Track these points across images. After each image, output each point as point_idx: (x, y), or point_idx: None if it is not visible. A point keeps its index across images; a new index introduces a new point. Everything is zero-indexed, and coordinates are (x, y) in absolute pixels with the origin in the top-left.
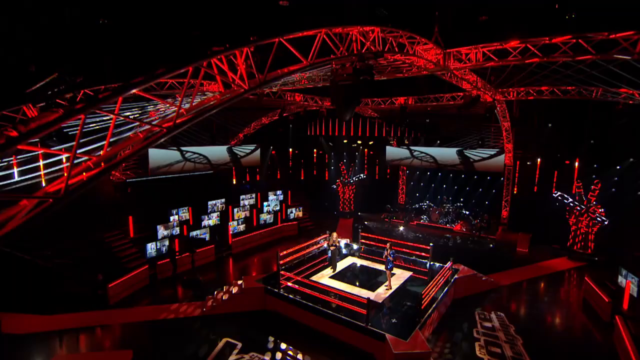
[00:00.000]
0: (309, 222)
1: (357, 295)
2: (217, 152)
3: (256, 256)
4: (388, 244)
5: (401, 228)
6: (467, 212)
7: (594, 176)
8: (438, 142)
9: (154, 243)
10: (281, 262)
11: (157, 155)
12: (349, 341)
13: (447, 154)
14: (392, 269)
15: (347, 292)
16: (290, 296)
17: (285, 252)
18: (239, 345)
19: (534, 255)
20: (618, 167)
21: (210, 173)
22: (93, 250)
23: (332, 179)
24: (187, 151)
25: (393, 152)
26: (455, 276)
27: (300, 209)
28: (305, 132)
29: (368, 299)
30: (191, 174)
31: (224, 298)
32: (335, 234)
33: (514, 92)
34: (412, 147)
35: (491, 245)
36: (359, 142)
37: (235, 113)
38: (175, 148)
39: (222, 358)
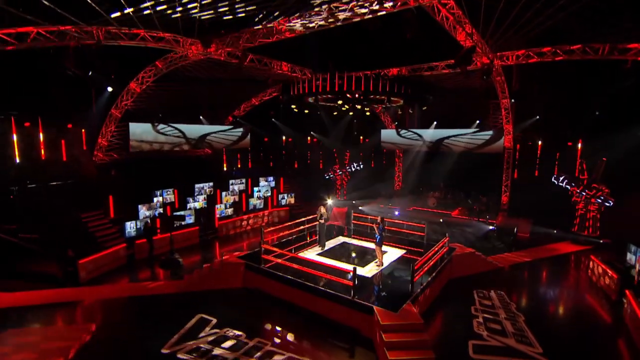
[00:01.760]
0: (301, 210)
1: (343, 267)
2: (204, 133)
3: (244, 240)
4: (379, 218)
5: (396, 213)
6: (466, 196)
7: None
8: (435, 123)
9: (134, 222)
10: (266, 239)
11: (140, 131)
12: (334, 317)
13: (443, 136)
14: (381, 244)
15: (333, 265)
16: (271, 270)
17: (271, 229)
18: (214, 321)
19: (535, 240)
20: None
21: (199, 157)
22: (67, 228)
23: (327, 167)
24: (175, 128)
25: (388, 135)
26: (452, 254)
27: (292, 195)
28: (288, 93)
29: (354, 268)
30: (179, 157)
31: (202, 275)
32: (323, 208)
33: (513, 55)
34: (409, 130)
35: (491, 227)
36: (350, 112)
37: (220, 88)
38: (161, 124)
39: (194, 333)
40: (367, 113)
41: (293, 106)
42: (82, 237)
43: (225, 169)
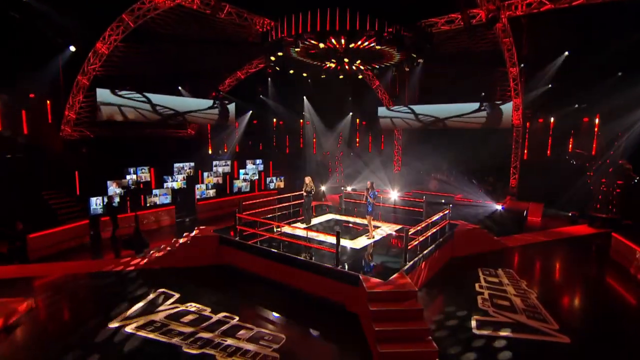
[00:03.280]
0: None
1: (329, 240)
2: (180, 106)
3: (225, 223)
4: (369, 183)
5: (393, 197)
6: (471, 177)
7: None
8: (436, 97)
9: (100, 198)
10: (246, 212)
11: (108, 98)
12: (315, 291)
13: (443, 111)
14: (372, 213)
15: (318, 239)
16: (246, 242)
17: (252, 202)
18: (176, 295)
19: (547, 224)
20: None
21: (182, 138)
22: (22, 203)
23: (320, 151)
24: (145, 97)
25: (385, 113)
26: (454, 230)
27: (282, 178)
28: (267, 40)
29: (338, 232)
30: (159, 136)
31: (171, 250)
32: (309, 179)
33: (523, 3)
34: (407, 106)
35: (498, 208)
36: (340, 75)
37: (200, 53)
38: (134, 93)
39: (151, 307)
40: (360, 76)
41: (272, 58)
42: (40, 213)
43: (210, 152)
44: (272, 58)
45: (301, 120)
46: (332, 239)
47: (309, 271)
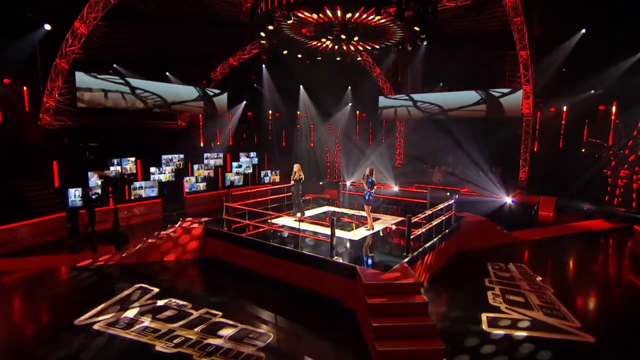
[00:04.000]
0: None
1: (324, 231)
2: (173, 94)
3: (215, 217)
4: (368, 169)
5: (395, 188)
6: (477, 169)
7: None
8: (440, 84)
9: (79, 190)
10: (236, 203)
11: (90, 83)
12: (309, 286)
13: (447, 100)
14: (370, 202)
15: (311, 229)
16: (233, 233)
17: (242, 193)
18: (155, 290)
19: (560, 219)
20: None
21: (172, 129)
22: None
23: (318, 145)
24: (126, 81)
25: (386, 103)
26: (460, 221)
27: (277, 172)
28: (256, 13)
29: (332, 220)
30: (146, 127)
31: (154, 244)
32: (297, 166)
33: None
34: (409, 95)
35: (507, 201)
36: (337, 57)
37: (188, 36)
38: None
39: (126, 303)
40: (359, 59)
41: (263, 34)
42: (13, 205)
43: (202, 144)
44: (263, 34)
45: (298, 112)
46: (326, 230)
47: (301, 264)
